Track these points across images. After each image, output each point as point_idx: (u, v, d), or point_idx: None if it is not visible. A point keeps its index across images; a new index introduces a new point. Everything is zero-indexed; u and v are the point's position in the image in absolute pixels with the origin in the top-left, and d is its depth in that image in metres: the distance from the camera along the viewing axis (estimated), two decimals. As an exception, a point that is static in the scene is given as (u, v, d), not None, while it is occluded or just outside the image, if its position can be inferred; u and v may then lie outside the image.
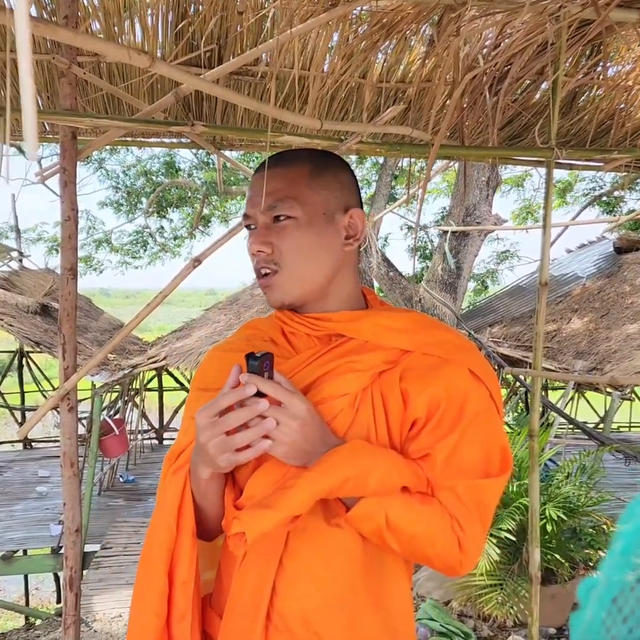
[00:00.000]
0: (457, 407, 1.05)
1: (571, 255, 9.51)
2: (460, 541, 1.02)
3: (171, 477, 1.13)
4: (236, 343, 1.25)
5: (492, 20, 2.09)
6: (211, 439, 0.95)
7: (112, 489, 7.53)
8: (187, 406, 1.24)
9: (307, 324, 1.15)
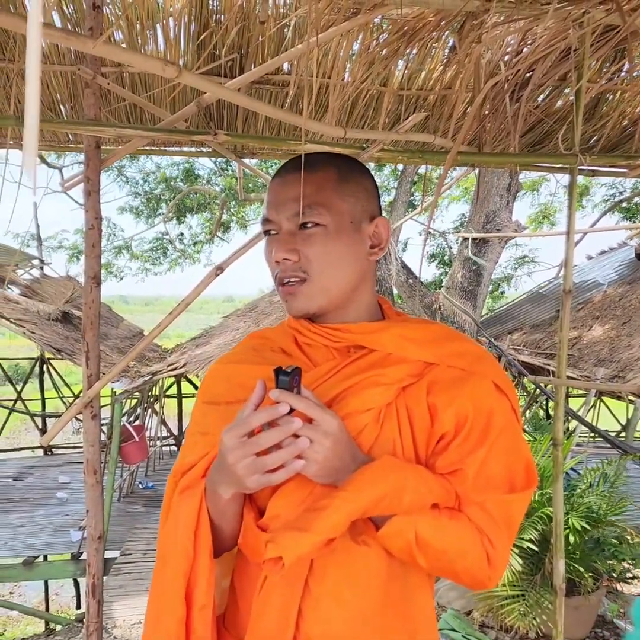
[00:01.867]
0: (484, 420, 1.04)
1: (592, 262, 9.43)
2: (490, 556, 1.01)
3: (179, 497, 1.08)
4: (244, 354, 1.21)
5: (515, 27, 2.08)
6: (241, 460, 0.91)
7: (131, 495, 7.56)
8: (194, 420, 1.19)
9: (325, 335, 1.11)
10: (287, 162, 1.14)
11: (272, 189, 1.13)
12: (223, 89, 1.34)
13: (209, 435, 1.09)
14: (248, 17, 2.11)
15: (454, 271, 6.18)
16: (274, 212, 1.10)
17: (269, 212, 1.11)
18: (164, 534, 1.09)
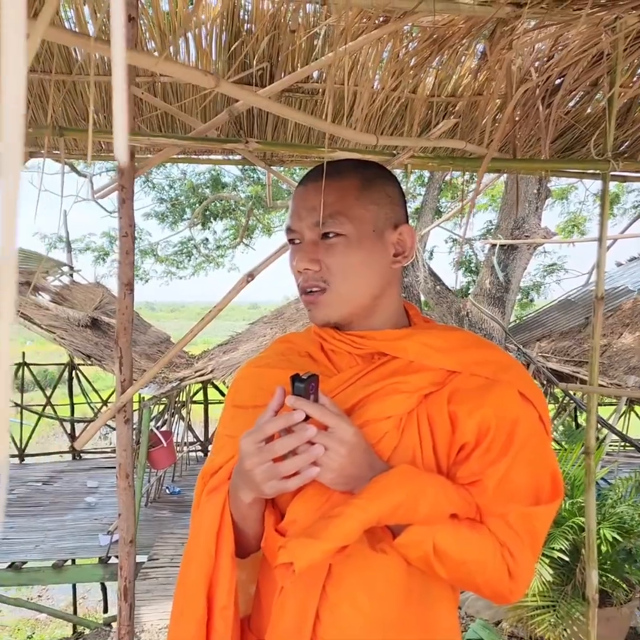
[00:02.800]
0: (508, 431, 1.02)
1: (621, 269, 9.31)
2: (510, 569, 0.99)
3: (207, 498, 1.11)
4: (272, 358, 1.22)
5: (546, 33, 2.08)
6: (258, 466, 0.92)
7: (158, 500, 7.61)
8: (222, 423, 1.21)
9: (349, 342, 1.11)
10: (312, 170, 1.14)
11: (295, 197, 1.14)
12: (260, 98, 1.36)
13: (236, 439, 1.06)
14: (278, 26, 2.13)
15: (481, 278, 6.15)
16: (297, 221, 1.11)
17: (292, 221, 1.12)
18: (191, 533, 1.12)
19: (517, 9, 1.78)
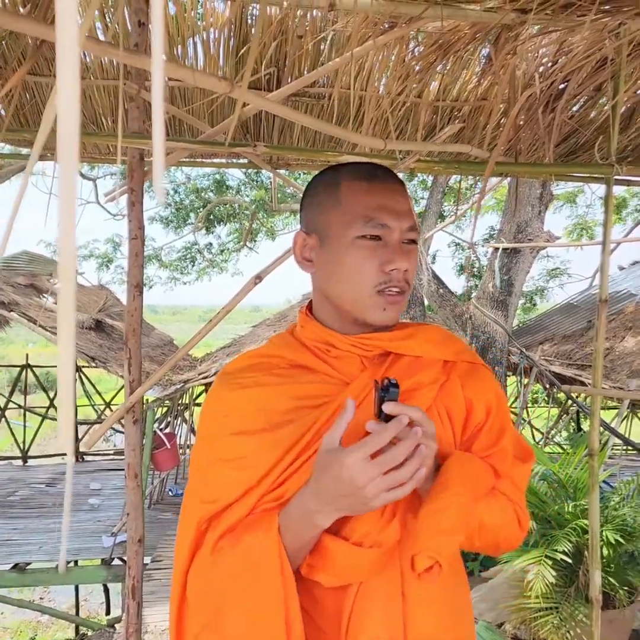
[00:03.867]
0: (502, 405, 1.18)
1: (624, 273, 9.32)
2: (520, 520, 1.14)
3: (242, 536, 0.99)
4: (253, 377, 1.13)
5: (550, 38, 2.10)
6: (372, 481, 0.88)
7: (161, 502, 7.62)
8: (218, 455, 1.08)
9: (359, 345, 1.12)
10: (371, 166, 1.14)
11: (379, 192, 1.10)
12: (273, 104, 1.38)
13: (249, 469, 1.04)
14: (286, 32, 2.16)
15: (484, 281, 6.17)
16: (394, 220, 1.08)
17: (387, 217, 1.08)
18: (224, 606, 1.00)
19: (522, 15, 1.80)
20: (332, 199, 1.11)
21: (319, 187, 1.15)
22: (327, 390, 1.10)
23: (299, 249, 1.16)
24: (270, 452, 1.03)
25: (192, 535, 1.05)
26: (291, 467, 1.03)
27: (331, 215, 1.11)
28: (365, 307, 1.09)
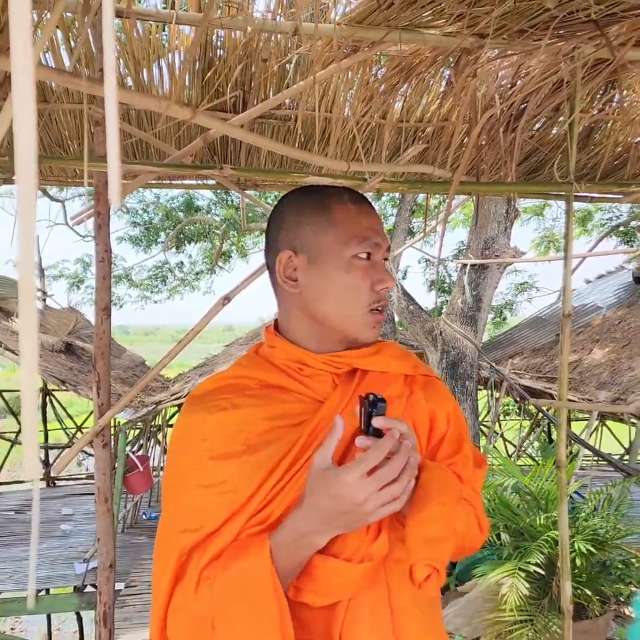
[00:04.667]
0: (459, 414, 1.24)
1: (590, 286, 9.51)
2: (481, 524, 1.19)
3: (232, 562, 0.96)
4: (228, 399, 1.11)
5: (508, 62, 2.16)
6: (370, 497, 0.90)
7: (135, 526, 7.51)
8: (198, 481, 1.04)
9: (331, 363, 1.14)
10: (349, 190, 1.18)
11: (365, 214, 1.14)
12: (235, 129, 1.40)
13: (233, 494, 1.02)
14: (251, 55, 2.19)
15: (454, 297, 6.25)
16: (380, 239, 1.13)
17: (377, 237, 1.12)
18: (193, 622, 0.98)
19: (480, 39, 1.86)
20: (325, 220, 1.12)
21: (306, 208, 1.14)
22: (302, 408, 1.10)
23: (283, 268, 1.13)
24: (252, 475, 1.02)
25: (173, 568, 1.01)
26: (275, 489, 1.02)
27: (327, 236, 1.11)
28: (359, 325, 1.11)
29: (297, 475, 1.02)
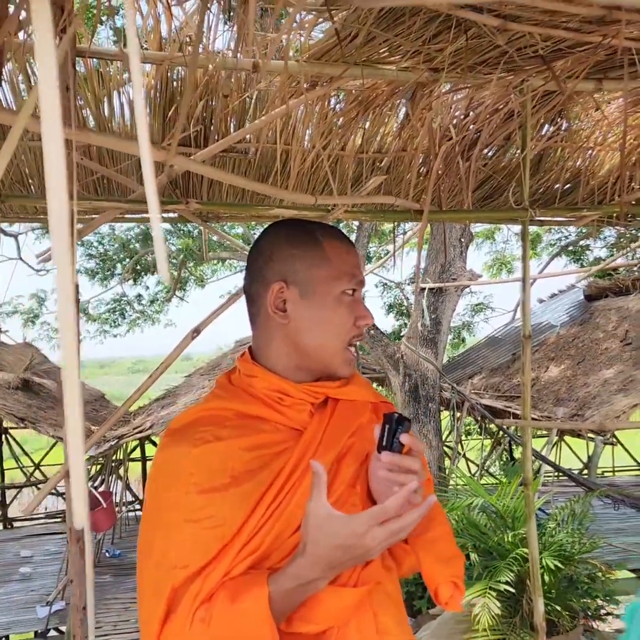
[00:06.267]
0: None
1: (544, 305, 9.74)
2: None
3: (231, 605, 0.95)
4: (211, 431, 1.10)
5: (462, 94, 2.25)
6: (379, 544, 0.94)
7: (98, 565, 7.31)
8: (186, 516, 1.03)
9: (310, 393, 1.17)
10: (333, 227, 1.23)
11: (350, 252, 1.20)
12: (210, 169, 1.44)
13: (223, 527, 1.02)
14: (212, 91, 2.23)
15: (413, 321, 6.34)
16: (362, 276, 1.19)
17: (361, 274, 1.19)
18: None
19: (435, 73, 1.93)
20: (318, 255, 1.15)
21: (299, 242, 1.16)
22: (281, 437, 1.12)
23: (274, 299, 1.15)
24: (240, 506, 1.03)
25: (165, 604, 0.98)
26: (263, 518, 1.03)
27: (320, 271, 1.14)
28: (338, 360, 1.16)
29: (284, 503, 1.04)
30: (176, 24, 1.94)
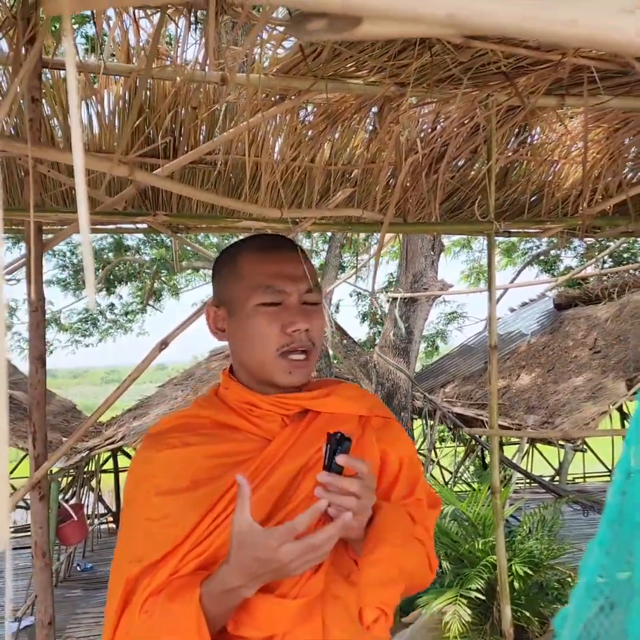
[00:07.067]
0: (413, 456, 1.29)
1: (515, 314, 9.85)
2: (431, 563, 1.23)
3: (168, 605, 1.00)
4: (180, 437, 1.17)
5: (428, 108, 2.29)
6: (294, 560, 0.95)
7: (69, 579, 7.21)
8: (146, 515, 1.10)
9: (280, 405, 1.19)
10: (270, 237, 1.26)
11: (275, 261, 1.19)
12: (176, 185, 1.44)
13: (175, 528, 1.07)
14: (180, 103, 2.23)
15: (385, 330, 6.38)
16: (290, 284, 1.17)
17: (283, 283, 1.16)
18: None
19: (402, 88, 1.96)
20: (232, 273, 1.20)
21: (221, 263, 1.25)
22: (251, 447, 1.16)
23: (212, 321, 1.24)
24: (193, 510, 1.07)
25: (120, 595, 1.06)
26: (213, 524, 1.07)
27: (234, 288, 1.19)
28: (272, 370, 1.16)
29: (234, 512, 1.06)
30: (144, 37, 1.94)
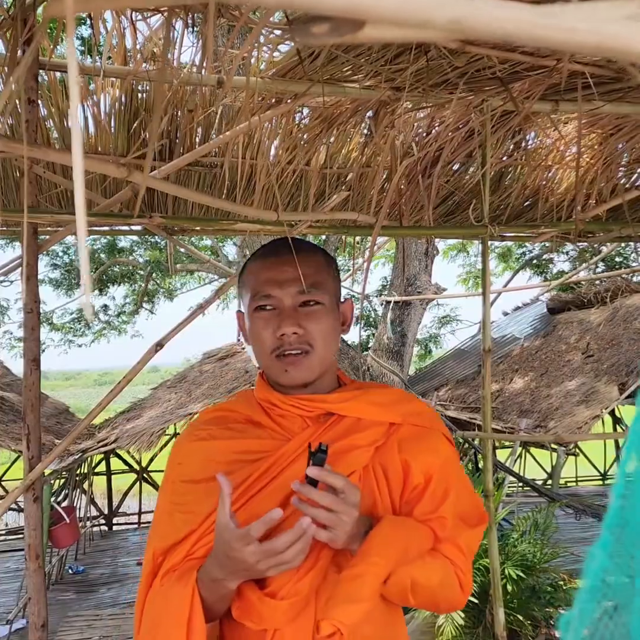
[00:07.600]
0: (448, 470, 1.22)
1: (508, 318, 9.88)
2: (462, 584, 1.18)
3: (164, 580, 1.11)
4: (211, 430, 1.25)
5: (424, 113, 2.30)
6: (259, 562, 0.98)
7: (61, 581, 7.17)
8: (170, 500, 1.22)
9: (300, 405, 1.21)
10: (274, 244, 1.28)
11: (268, 267, 1.23)
12: (169, 186, 1.45)
13: (192, 514, 1.15)
14: (177, 106, 2.24)
15: (379, 333, 6.40)
16: (278, 288, 1.20)
17: (271, 288, 1.20)
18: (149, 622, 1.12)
19: (397, 92, 1.97)
20: (241, 280, 1.29)
21: (241, 271, 1.31)
22: (270, 445, 1.19)
23: (240, 326, 1.31)
24: (207, 501, 1.12)
25: (150, 565, 1.16)
26: None
27: (243, 295, 1.27)
28: (272, 371, 1.22)
29: (245, 506, 1.11)
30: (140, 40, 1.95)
